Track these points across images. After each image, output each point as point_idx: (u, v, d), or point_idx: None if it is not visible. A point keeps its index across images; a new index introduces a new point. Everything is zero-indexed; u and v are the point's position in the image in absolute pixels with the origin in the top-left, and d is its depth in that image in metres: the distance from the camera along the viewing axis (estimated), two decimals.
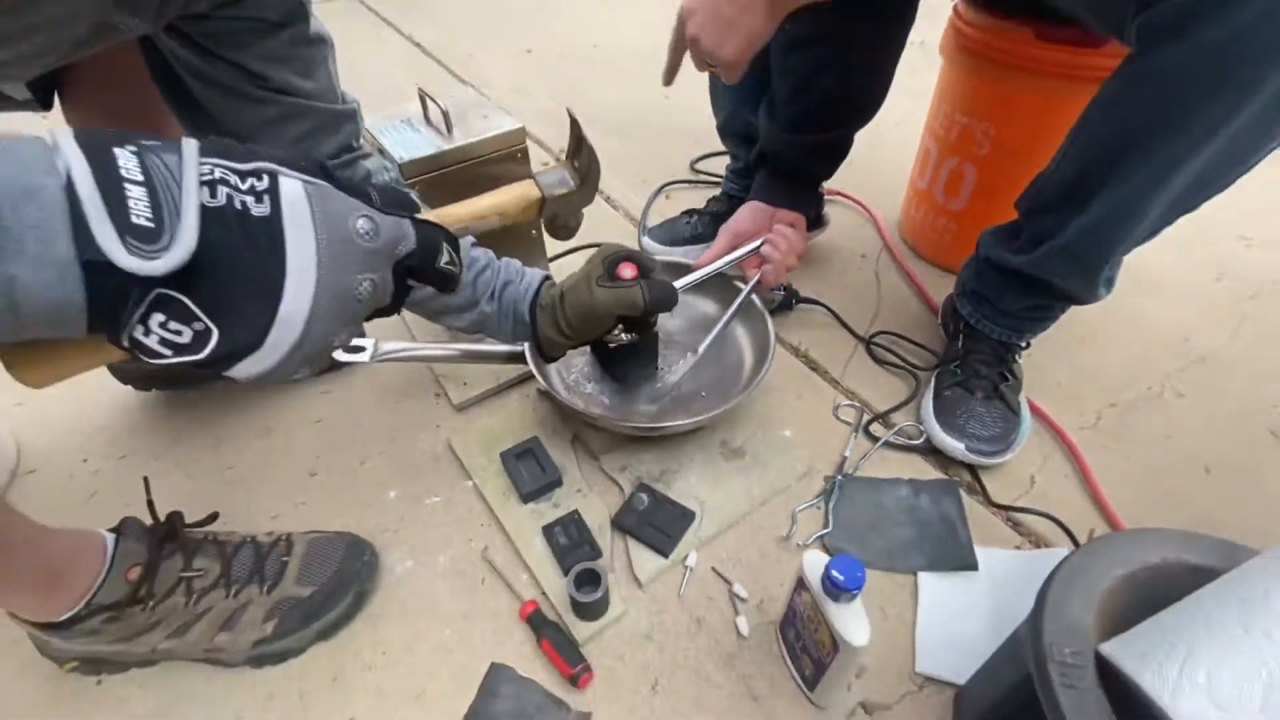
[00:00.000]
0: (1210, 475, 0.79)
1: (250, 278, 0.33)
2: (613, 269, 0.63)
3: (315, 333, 0.35)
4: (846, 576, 0.50)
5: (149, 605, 0.58)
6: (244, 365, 0.35)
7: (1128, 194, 0.62)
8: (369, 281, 0.38)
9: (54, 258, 0.28)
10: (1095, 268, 0.70)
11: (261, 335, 0.34)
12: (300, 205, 0.34)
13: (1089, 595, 0.47)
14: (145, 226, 0.29)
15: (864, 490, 0.78)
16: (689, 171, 1.39)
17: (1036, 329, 0.83)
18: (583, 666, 0.62)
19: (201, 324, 0.32)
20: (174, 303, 0.31)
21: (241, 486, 0.81)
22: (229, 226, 0.32)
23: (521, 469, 0.78)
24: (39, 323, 0.30)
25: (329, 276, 0.35)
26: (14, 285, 0.27)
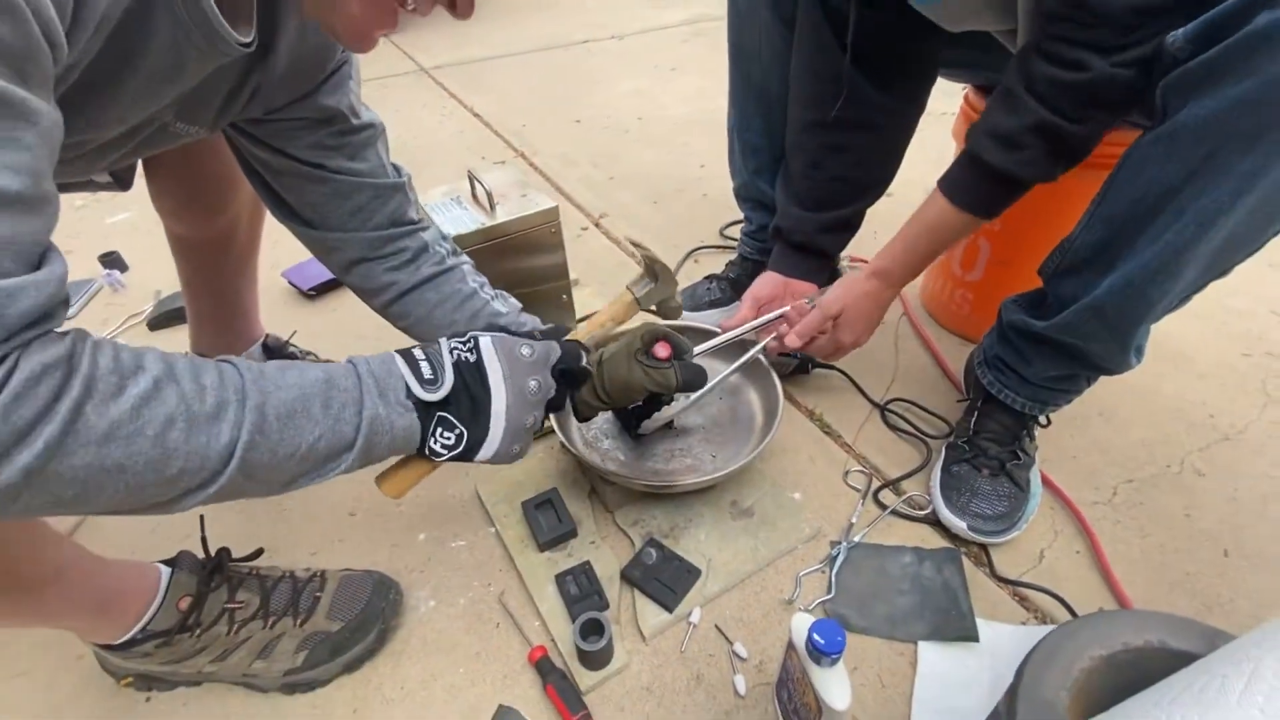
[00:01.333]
0: (1228, 559, 0.78)
1: (476, 403, 0.56)
2: (649, 346, 0.70)
3: (513, 420, 0.57)
4: (826, 640, 0.52)
5: (196, 633, 0.65)
6: (482, 451, 0.57)
7: (1161, 252, 0.60)
8: (535, 382, 0.60)
9: (400, 400, 0.52)
10: (1127, 330, 0.68)
11: (486, 427, 0.56)
12: (489, 348, 0.58)
13: (1065, 674, 0.49)
14: (430, 379, 0.54)
15: (868, 556, 0.79)
16: (718, 237, 1.46)
17: (1060, 401, 0.82)
18: (584, 715, 0.65)
19: (459, 429, 0.55)
20: (445, 420, 0.55)
21: (288, 524, 0.89)
22: (460, 370, 0.56)
23: (540, 518, 0.83)
24: (397, 445, 0.53)
25: (512, 384, 0.57)
26: (389, 418, 0.51)
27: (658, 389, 0.69)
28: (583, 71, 2.55)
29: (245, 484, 0.45)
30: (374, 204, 0.71)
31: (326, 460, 0.49)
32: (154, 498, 0.42)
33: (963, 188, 0.76)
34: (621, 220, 1.54)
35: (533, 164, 1.84)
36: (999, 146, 0.70)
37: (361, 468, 0.53)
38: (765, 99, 1.00)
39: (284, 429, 0.46)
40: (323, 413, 0.48)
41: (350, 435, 0.49)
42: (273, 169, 0.68)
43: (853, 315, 0.85)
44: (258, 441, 0.44)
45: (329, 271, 0.78)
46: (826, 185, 0.88)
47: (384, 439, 0.51)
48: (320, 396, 0.48)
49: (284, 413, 0.46)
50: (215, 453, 0.42)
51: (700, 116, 2.08)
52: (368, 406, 0.50)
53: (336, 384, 0.50)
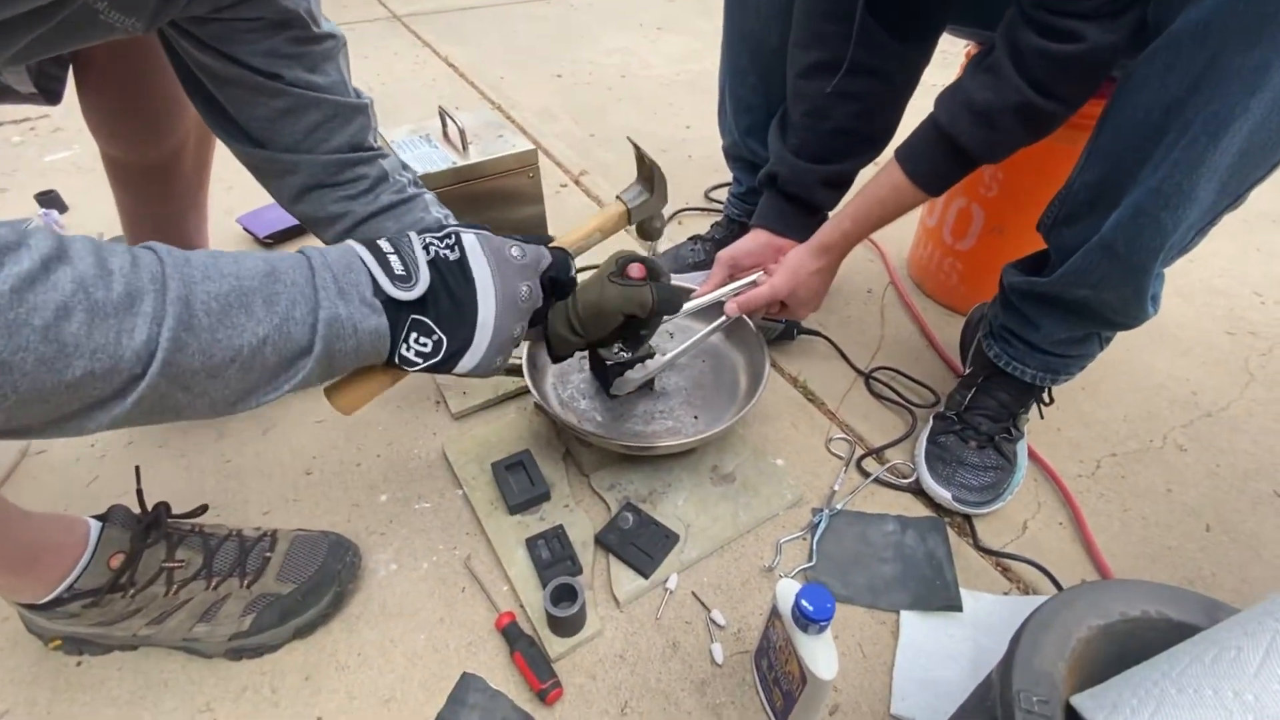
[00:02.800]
0: (1210, 533, 0.77)
1: (457, 299, 0.49)
2: (623, 269, 0.66)
3: (501, 328, 0.51)
4: (815, 607, 0.49)
5: (129, 593, 0.60)
6: (464, 361, 0.51)
7: (1171, 172, 0.55)
8: (526, 287, 0.53)
9: (366, 299, 0.45)
10: (1141, 268, 0.61)
11: (471, 336, 0.50)
12: (475, 245, 0.51)
13: (1062, 644, 0.47)
14: (401, 275, 0.47)
15: (850, 524, 0.77)
16: (703, 199, 1.41)
17: (1073, 369, 0.77)
18: (553, 682, 0.62)
19: (436, 335, 0.48)
20: (421, 323, 0.48)
21: (238, 479, 0.83)
22: (440, 269, 0.49)
23: (511, 480, 0.78)
24: (363, 352, 0.46)
25: (501, 287, 0.51)
26: (353, 317, 0.44)
27: (633, 309, 0.64)
28: (565, 26, 2.45)
29: (179, 396, 0.39)
30: (333, 124, 0.64)
31: (278, 370, 0.43)
32: (58, 408, 0.35)
33: (925, 162, 0.72)
34: (602, 178, 1.48)
35: (510, 117, 1.75)
36: (974, 123, 0.66)
37: (323, 381, 0.46)
38: (762, 50, 0.94)
39: (218, 327, 0.39)
40: (265, 310, 0.41)
41: (304, 339, 0.43)
42: (220, 78, 0.60)
43: (805, 294, 0.83)
44: (184, 341, 0.37)
45: (282, 209, 0.71)
46: (828, 137, 0.83)
47: (347, 344, 0.45)
48: (262, 291, 0.41)
49: (216, 308, 0.39)
50: (130, 352, 0.36)
51: (687, 77, 2.01)
52: (324, 306, 0.43)
53: (282, 276, 0.42)
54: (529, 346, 0.84)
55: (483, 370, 0.52)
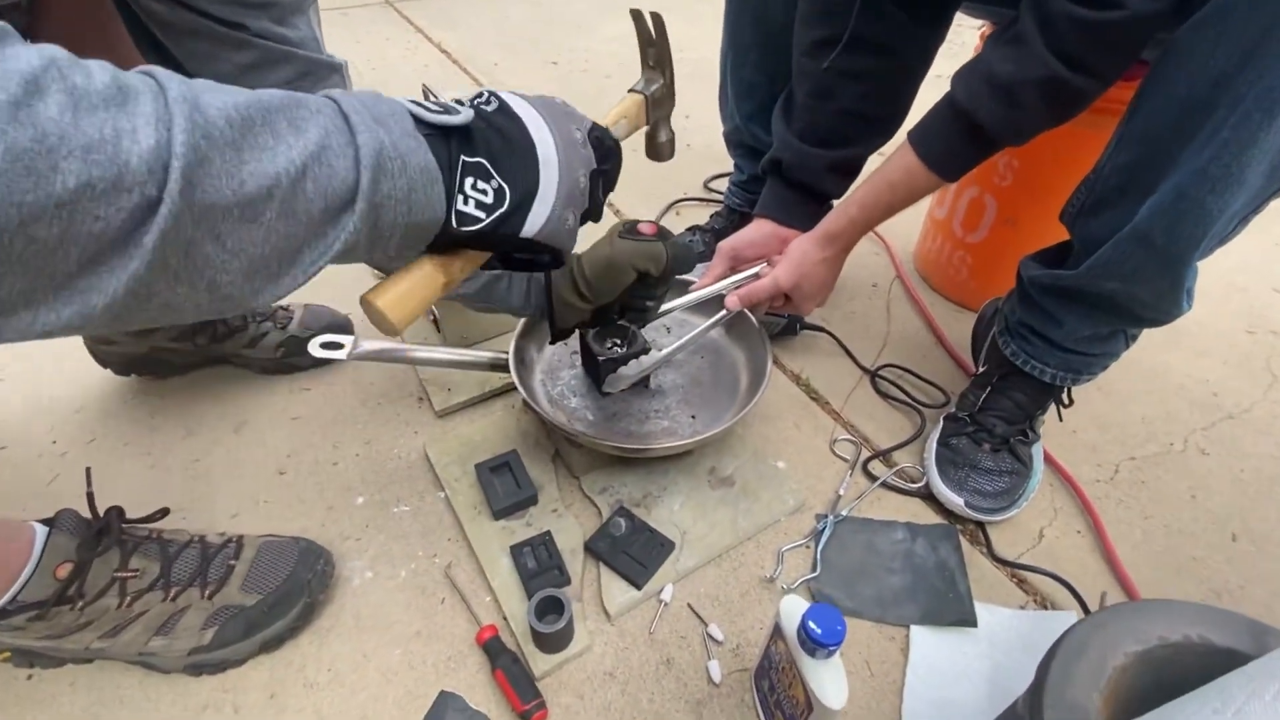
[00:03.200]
0: (1236, 543, 0.73)
1: (511, 142, 0.41)
2: (633, 228, 0.62)
3: (566, 168, 0.43)
4: (824, 630, 0.45)
5: (78, 605, 0.55)
6: (534, 213, 0.42)
7: (1219, 152, 0.50)
8: (579, 132, 0.46)
9: (408, 130, 0.37)
10: (1180, 259, 0.56)
11: (535, 177, 0.42)
12: (515, 97, 0.44)
13: (1097, 672, 0.42)
14: (441, 112, 0.39)
15: (857, 531, 0.72)
16: (701, 189, 1.36)
17: (1095, 368, 0.72)
18: (537, 703, 0.58)
19: (496, 181, 0.40)
20: (476, 165, 0.40)
21: (206, 481, 0.78)
22: (483, 116, 0.41)
23: (496, 483, 0.74)
24: (416, 203, 0.37)
25: (557, 128, 0.43)
26: (397, 147, 0.36)
27: (647, 265, 0.60)
28: (561, 13, 2.39)
29: (210, 250, 0.30)
30: (305, 83, 0.59)
31: (324, 221, 0.34)
32: (49, 259, 0.26)
33: (940, 143, 0.67)
34: None
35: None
36: (994, 99, 0.61)
37: (370, 251, 0.37)
38: (766, 28, 0.89)
39: (242, 144, 0.30)
40: (294, 134, 0.32)
41: (348, 174, 0.34)
42: (175, 29, 0.54)
43: (810, 287, 0.78)
44: (206, 154, 0.29)
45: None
46: (833, 119, 0.78)
47: (396, 184, 0.35)
48: (285, 113, 0.33)
49: (237, 118, 0.30)
50: (136, 158, 0.27)
51: (686, 65, 1.94)
52: (362, 132, 0.34)
53: (305, 102, 0.34)
54: (517, 337, 0.79)
55: (554, 227, 0.43)
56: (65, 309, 0.28)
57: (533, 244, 0.43)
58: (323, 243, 0.35)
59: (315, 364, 0.90)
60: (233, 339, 0.86)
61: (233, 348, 0.87)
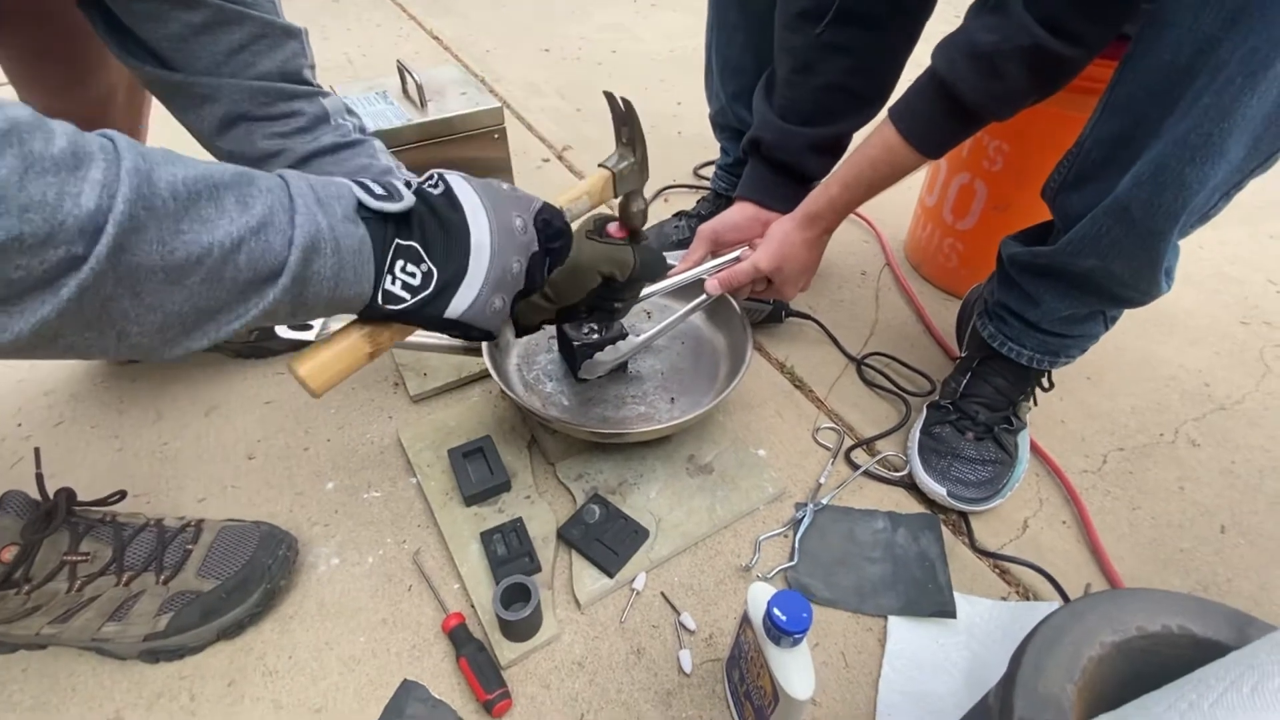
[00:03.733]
0: (1225, 535, 0.71)
1: (447, 228, 0.43)
2: (602, 227, 0.60)
3: (498, 256, 0.45)
4: (789, 617, 0.43)
5: (24, 589, 0.53)
6: (459, 298, 0.44)
7: (1200, 121, 0.48)
8: (520, 219, 0.47)
9: (349, 214, 0.39)
10: (1159, 234, 0.54)
11: (464, 262, 0.44)
12: (461, 181, 0.46)
13: (1071, 663, 0.40)
14: (384, 194, 0.41)
15: (837, 520, 0.71)
16: (691, 176, 1.34)
17: (1072, 351, 0.71)
18: (501, 692, 0.56)
19: (426, 265, 0.42)
20: (408, 249, 0.42)
21: (173, 465, 0.76)
22: (425, 199, 0.43)
23: (469, 468, 0.72)
24: (343, 280, 0.39)
25: (494, 215, 0.45)
26: (334, 229, 0.38)
27: (612, 270, 0.58)
28: (555, 1, 2.36)
29: (125, 304, 0.31)
30: (260, 46, 0.57)
31: (246, 290, 0.35)
32: None
33: (921, 119, 0.65)
34: (586, 153, 1.40)
35: (494, 90, 1.67)
36: (976, 71, 0.59)
37: (288, 318, 0.39)
38: (752, 6, 0.87)
39: (183, 216, 0.32)
40: (239, 209, 0.34)
41: (280, 252, 0.36)
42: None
43: (792, 270, 0.76)
44: (143, 223, 0.30)
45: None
46: (816, 95, 0.75)
47: (326, 264, 0.38)
48: (235, 189, 0.34)
49: (184, 193, 0.32)
50: (72, 220, 0.28)
51: (680, 53, 1.93)
52: (301, 213, 0.36)
53: (256, 180, 0.36)
54: None
55: (477, 311, 0.45)
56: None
57: (456, 324, 0.45)
58: (241, 307, 0.36)
59: (289, 348, 0.88)
60: None
61: None
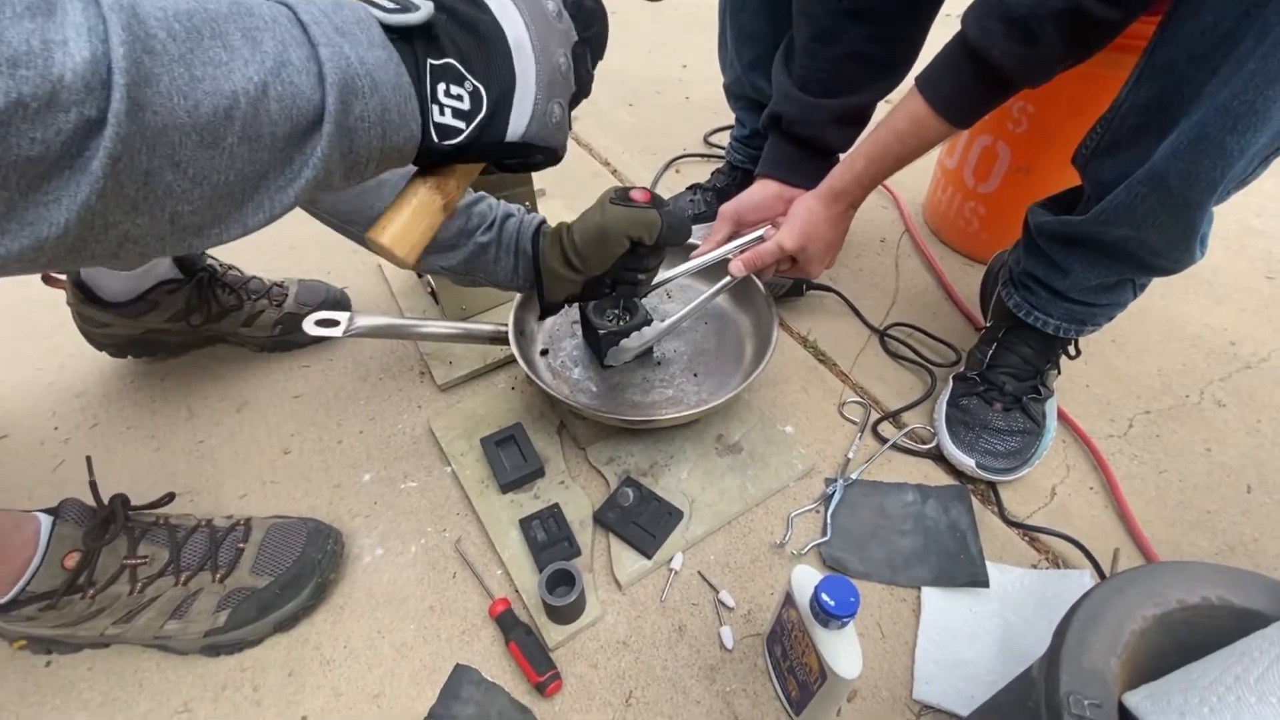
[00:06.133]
0: (1251, 495, 0.72)
1: (478, 33, 0.37)
2: (625, 194, 0.60)
3: (542, 52, 0.39)
4: (838, 602, 0.44)
5: (88, 593, 0.55)
6: (516, 113, 0.38)
7: (1244, 87, 0.46)
8: (553, 3, 0.41)
9: (375, 40, 0.33)
10: (1195, 204, 0.53)
11: (510, 69, 0.38)
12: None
13: (1114, 638, 0.42)
14: (395, 7, 0.35)
15: (867, 494, 0.72)
16: (702, 145, 1.31)
17: (1100, 319, 0.70)
18: (551, 674, 0.58)
19: (470, 83, 0.37)
20: (445, 68, 0.36)
21: (211, 462, 0.78)
22: (442, 6, 0.36)
23: (502, 457, 0.73)
24: (389, 120, 0.34)
25: (524, 3, 0.39)
26: (365, 62, 0.32)
27: (640, 233, 0.57)
28: None
29: (167, 175, 0.28)
30: None
31: (290, 145, 0.31)
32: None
33: (950, 88, 0.63)
34: (594, 125, 1.38)
35: None
36: (1010, 37, 0.57)
37: (346, 177, 0.34)
38: None
39: (192, 59, 0.27)
40: (249, 46, 0.29)
41: (311, 94, 0.30)
42: None
43: (817, 248, 0.75)
44: (149, 70, 0.26)
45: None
46: (838, 64, 0.73)
47: (368, 106, 0.32)
48: (236, 21, 0.29)
49: (180, 30, 0.27)
50: (70, 72, 0.24)
51: (684, 11, 1.87)
52: (324, 45, 0.31)
53: (254, 9, 0.30)
54: (516, 308, 0.77)
55: (540, 124, 0.39)
56: (14, 242, 0.26)
57: (521, 147, 0.39)
58: (289, 169, 0.32)
59: (314, 340, 0.89)
60: (228, 318, 0.84)
61: (229, 327, 0.85)
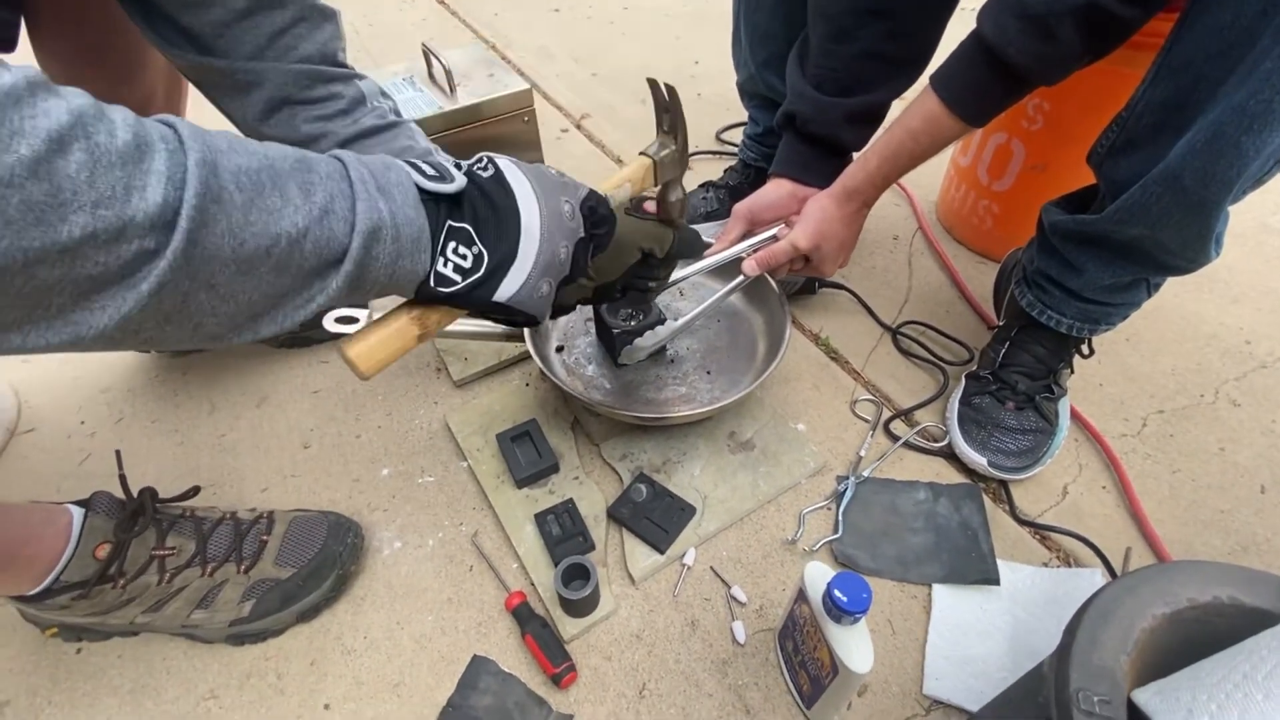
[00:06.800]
0: (1265, 495, 0.72)
1: (498, 211, 0.43)
2: (639, 204, 0.61)
3: (547, 241, 0.45)
4: (850, 598, 0.45)
5: (119, 583, 0.57)
6: (508, 281, 0.44)
7: (1260, 86, 0.46)
8: (569, 205, 0.48)
9: (409, 200, 0.39)
10: (1211, 203, 0.53)
11: (514, 246, 0.44)
12: (510, 164, 0.46)
13: (1124, 636, 0.42)
14: (435, 175, 0.41)
15: (878, 492, 0.72)
16: (714, 142, 1.32)
17: (1114, 319, 0.70)
18: (567, 666, 0.59)
19: (477, 247, 0.43)
20: (460, 231, 0.42)
21: (233, 456, 0.79)
22: (475, 182, 0.44)
23: (517, 452, 0.74)
24: (401, 265, 0.39)
25: (544, 199, 0.45)
26: (395, 216, 0.38)
27: (652, 245, 0.59)
28: None
29: (201, 297, 0.32)
30: (302, 28, 0.57)
31: (310, 277, 0.36)
32: (44, 291, 0.28)
33: (966, 86, 0.63)
34: (606, 122, 1.38)
35: (505, 57, 1.64)
36: (1026, 34, 0.57)
37: (345, 301, 0.40)
38: None
39: (251, 207, 0.32)
40: (303, 198, 0.34)
41: (343, 239, 0.36)
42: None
43: (831, 247, 0.75)
44: (212, 215, 0.31)
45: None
46: (853, 63, 0.73)
47: (385, 250, 0.38)
48: (296, 177, 0.35)
49: (248, 184, 0.32)
50: (142, 214, 0.28)
51: (695, 7, 1.87)
52: (363, 200, 0.37)
53: (316, 166, 0.36)
54: None
55: (525, 295, 0.45)
56: (55, 336, 0.30)
57: (504, 307, 0.45)
58: (307, 293, 0.37)
59: (332, 337, 0.90)
60: None
61: None
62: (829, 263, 0.76)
